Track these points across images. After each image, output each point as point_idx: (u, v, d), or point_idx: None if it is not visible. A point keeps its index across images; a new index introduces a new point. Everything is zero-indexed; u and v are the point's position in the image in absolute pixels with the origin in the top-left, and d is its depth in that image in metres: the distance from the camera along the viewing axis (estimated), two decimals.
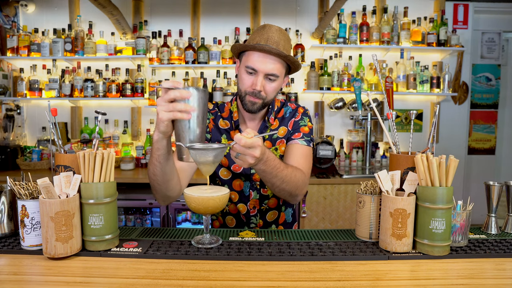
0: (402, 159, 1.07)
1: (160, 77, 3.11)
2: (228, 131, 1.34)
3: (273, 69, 1.18)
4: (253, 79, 1.20)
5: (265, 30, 1.20)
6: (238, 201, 1.37)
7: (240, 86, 1.25)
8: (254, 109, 1.23)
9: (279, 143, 1.35)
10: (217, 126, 1.35)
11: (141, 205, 2.64)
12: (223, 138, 1.35)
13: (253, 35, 1.23)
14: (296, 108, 1.41)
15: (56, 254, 0.93)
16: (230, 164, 1.33)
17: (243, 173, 1.34)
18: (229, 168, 1.33)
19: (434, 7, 3.24)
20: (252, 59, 1.18)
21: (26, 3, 3.10)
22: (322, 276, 0.88)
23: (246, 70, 1.20)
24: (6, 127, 3.05)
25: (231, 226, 1.41)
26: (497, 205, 1.19)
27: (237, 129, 1.32)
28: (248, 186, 1.35)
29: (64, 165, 1.01)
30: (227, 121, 1.35)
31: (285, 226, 1.45)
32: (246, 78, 1.21)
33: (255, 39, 1.21)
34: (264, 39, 1.18)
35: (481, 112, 3.49)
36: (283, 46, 1.20)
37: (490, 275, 0.90)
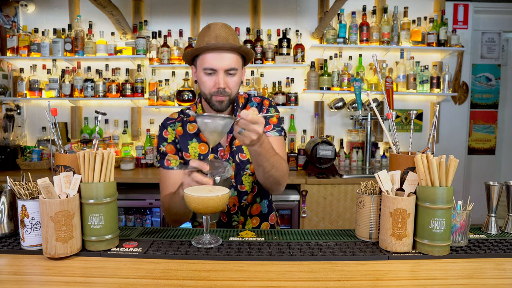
0: (402, 159, 1.07)
1: (160, 77, 3.11)
2: (197, 133, 1.35)
3: (231, 63, 1.21)
4: (214, 78, 1.22)
5: (211, 30, 1.22)
6: None
7: (203, 89, 1.26)
8: (223, 107, 1.25)
9: None
10: (185, 132, 1.35)
11: (141, 205, 2.64)
12: (193, 142, 1.34)
13: (200, 37, 1.24)
14: (262, 102, 1.41)
15: (56, 254, 0.93)
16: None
17: None
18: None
19: (434, 7, 3.24)
20: (208, 60, 1.20)
21: (26, 3, 3.10)
22: (322, 276, 0.88)
23: (205, 72, 1.22)
24: (6, 127, 3.05)
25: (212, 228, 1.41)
26: (497, 205, 1.19)
27: None
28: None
29: (64, 165, 1.01)
30: (194, 124, 1.35)
31: (261, 217, 1.44)
32: (207, 79, 1.22)
33: (204, 40, 1.21)
34: (213, 38, 1.20)
35: (481, 112, 3.49)
36: (233, 40, 1.22)
37: (490, 275, 0.90)
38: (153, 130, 3.14)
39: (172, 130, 1.36)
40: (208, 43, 1.19)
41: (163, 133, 1.37)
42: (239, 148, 1.35)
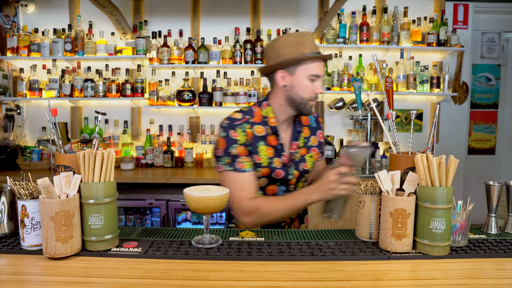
0: (402, 159, 1.07)
1: (160, 77, 3.11)
2: (265, 137, 1.32)
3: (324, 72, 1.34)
4: (315, 84, 1.29)
5: (307, 38, 1.28)
6: None
7: (302, 94, 1.29)
8: (312, 110, 1.37)
9: (313, 150, 1.44)
10: (254, 134, 1.31)
11: (141, 205, 2.64)
12: (261, 145, 1.31)
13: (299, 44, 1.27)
14: (317, 117, 1.53)
15: (56, 254, 0.93)
16: (271, 172, 1.32)
17: (281, 179, 1.34)
18: (269, 176, 1.33)
19: (434, 7, 3.24)
20: (315, 67, 1.28)
21: (26, 3, 3.10)
22: (322, 276, 0.88)
23: (310, 79, 1.28)
24: (6, 127, 3.05)
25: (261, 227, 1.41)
26: (497, 205, 1.19)
27: (273, 134, 1.33)
28: (283, 190, 1.38)
29: (64, 165, 1.01)
30: (261, 127, 1.32)
31: (300, 220, 1.50)
32: (310, 85, 1.28)
33: (306, 47, 1.27)
34: (314, 47, 1.29)
35: (481, 112, 3.49)
36: None
37: (490, 275, 0.90)
38: (153, 130, 3.14)
39: (242, 131, 1.29)
40: (313, 51, 1.26)
41: (230, 134, 1.28)
42: (303, 158, 1.40)
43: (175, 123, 3.21)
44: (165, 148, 3.03)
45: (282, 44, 1.27)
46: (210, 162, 3.05)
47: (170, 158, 3.00)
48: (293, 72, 1.27)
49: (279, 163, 1.33)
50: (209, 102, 3.00)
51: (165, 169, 2.95)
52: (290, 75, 1.28)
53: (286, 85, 1.29)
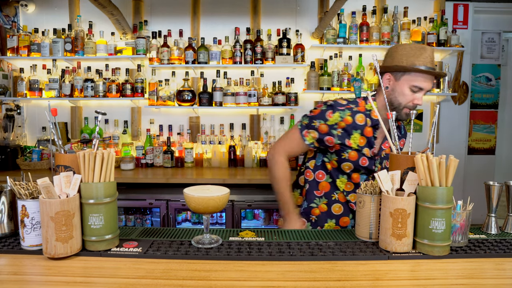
0: (402, 159, 1.07)
1: (160, 77, 3.11)
2: (363, 126, 1.42)
3: (431, 86, 1.39)
4: (415, 95, 1.36)
5: (427, 52, 1.34)
6: (350, 191, 1.49)
7: (400, 99, 1.39)
8: (406, 118, 1.42)
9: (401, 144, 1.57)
10: (354, 122, 1.41)
11: (141, 205, 2.64)
12: (356, 133, 1.41)
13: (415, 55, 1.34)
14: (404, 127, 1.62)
15: (56, 254, 0.93)
16: (358, 159, 1.42)
17: (366, 167, 1.44)
18: (356, 162, 1.43)
19: (434, 7, 3.24)
20: (421, 80, 1.34)
21: (26, 3, 3.10)
22: (322, 276, 0.88)
23: (412, 89, 1.36)
24: (6, 127, 3.05)
25: (337, 214, 1.51)
26: (497, 205, 1.19)
27: (372, 127, 1.42)
28: (364, 178, 1.48)
29: (64, 165, 1.01)
30: (363, 116, 1.42)
31: None
32: (410, 94, 1.36)
33: (420, 60, 1.33)
34: (429, 61, 1.34)
35: (481, 112, 3.49)
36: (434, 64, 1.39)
37: (490, 275, 0.90)
38: (153, 130, 3.14)
39: (339, 116, 1.40)
40: (425, 65, 1.33)
41: (327, 112, 1.42)
42: (387, 156, 1.49)
43: (175, 123, 3.21)
44: (165, 148, 3.03)
45: (401, 51, 1.37)
46: (210, 162, 3.05)
47: (170, 158, 3.00)
48: (398, 78, 1.37)
49: (368, 152, 1.43)
50: (209, 102, 3.00)
51: (165, 169, 2.95)
52: (395, 80, 1.38)
53: (388, 87, 1.41)
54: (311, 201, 1.52)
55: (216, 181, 2.56)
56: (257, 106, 3.00)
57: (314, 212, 1.52)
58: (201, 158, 3.06)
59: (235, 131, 3.16)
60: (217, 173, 2.74)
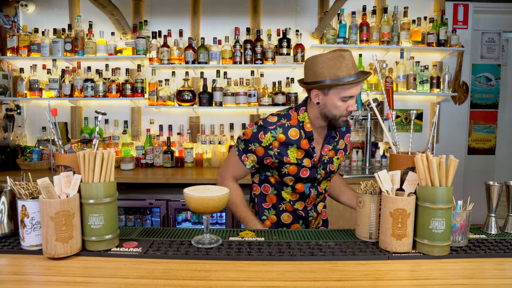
0: (402, 159, 1.07)
1: (160, 77, 3.11)
2: (299, 140, 1.39)
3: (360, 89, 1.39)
4: (348, 103, 1.33)
5: (346, 60, 1.29)
6: (296, 200, 1.49)
7: (334, 112, 1.34)
8: (344, 125, 1.40)
9: (340, 153, 1.52)
10: (287, 138, 1.38)
11: (141, 205, 2.63)
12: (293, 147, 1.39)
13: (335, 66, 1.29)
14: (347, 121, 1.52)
15: (56, 254, 0.93)
16: (298, 172, 1.41)
17: (307, 178, 1.43)
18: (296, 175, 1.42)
19: (434, 7, 3.24)
20: (350, 90, 1.30)
21: (26, 3, 3.10)
22: (322, 276, 0.88)
23: (343, 99, 1.31)
24: (6, 127, 3.05)
25: (287, 222, 1.51)
26: (497, 205, 1.19)
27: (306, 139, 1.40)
28: (309, 186, 1.47)
29: (64, 165, 1.01)
30: (296, 130, 1.40)
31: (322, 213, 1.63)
32: (342, 105, 1.32)
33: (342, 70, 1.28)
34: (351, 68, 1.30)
35: (481, 112, 3.49)
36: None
37: (490, 275, 0.90)
38: (153, 130, 3.14)
39: (271, 136, 1.37)
40: (349, 74, 1.29)
41: (259, 134, 1.39)
42: (330, 160, 1.48)
43: (175, 123, 3.21)
44: (165, 148, 3.03)
45: (320, 63, 1.31)
46: (210, 162, 3.05)
47: (170, 158, 3.00)
48: (326, 93, 1.33)
49: (308, 163, 1.41)
50: (209, 102, 3.00)
51: (165, 169, 2.95)
52: (323, 95, 1.34)
53: (319, 103, 1.35)
54: (262, 214, 1.53)
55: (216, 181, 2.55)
56: (257, 106, 3.00)
57: (266, 224, 1.52)
58: (201, 158, 3.06)
59: (235, 131, 3.16)
60: (217, 173, 2.74)
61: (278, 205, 1.50)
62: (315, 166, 1.43)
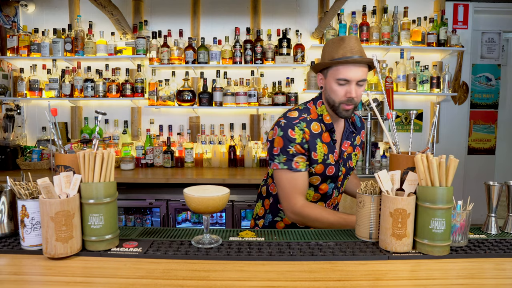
0: (402, 159, 1.07)
1: (160, 77, 3.11)
2: (321, 134, 1.37)
3: (362, 75, 1.29)
4: (346, 88, 1.29)
5: (345, 43, 1.29)
6: (317, 201, 1.45)
7: (332, 97, 1.32)
8: (349, 114, 1.33)
9: (357, 149, 1.49)
10: (311, 132, 1.36)
11: (141, 205, 2.64)
12: (319, 142, 1.37)
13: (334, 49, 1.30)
14: (361, 118, 1.56)
15: (56, 254, 0.93)
16: (325, 170, 1.38)
17: (332, 176, 1.40)
18: (323, 174, 1.38)
19: (434, 7, 3.24)
20: (343, 71, 1.27)
21: (26, 3, 3.10)
22: (322, 276, 0.88)
23: (338, 83, 1.29)
24: (6, 127, 3.05)
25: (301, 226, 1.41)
26: (497, 205, 1.19)
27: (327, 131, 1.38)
28: (332, 186, 1.44)
29: (64, 165, 1.01)
30: (317, 123, 1.38)
31: None
32: (339, 89, 1.30)
33: (339, 52, 1.28)
34: (348, 51, 1.28)
35: (481, 112, 3.49)
36: (363, 53, 1.30)
37: (490, 275, 0.90)
38: (153, 130, 3.14)
39: (300, 130, 1.33)
40: (344, 55, 1.26)
41: (288, 133, 1.32)
42: (350, 156, 1.45)
43: (175, 123, 3.21)
44: (165, 148, 3.03)
45: (326, 47, 1.33)
46: (210, 162, 3.05)
47: (170, 158, 3.00)
48: (326, 76, 1.33)
49: (332, 159, 1.39)
50: (209, 102, 3.00)
51: (165, 169, 2.95)
52: (324, 78, 1.34)
53: (323, 87, 1.37)
54: (275, 215, 1.47)
55: (216, 181, 2.56)
56: (257, 106, 3.00)
57: (279, 226, 1.47)
58: (201, 158, 3.06)
59: (235, 131, 3.16)
60: (217, 173, 2.74)
61: None
62: (338, 162, 1.40)
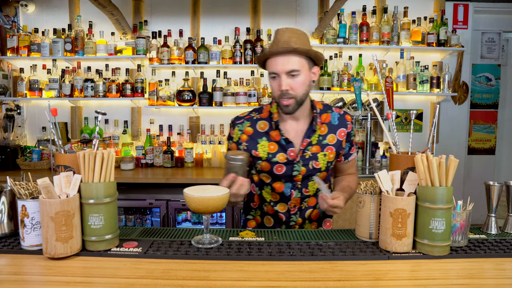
0: (402, 159, 1.07)
1: (160, 77, 3.11)
2: (268, 132, 1.36)
3: (291, 65, 1.23)
4: (278, 81, 1.26)
5: (279, 35, 1.27)
6: (278, 201, 1.41)
7: (273, 93, 1.31)
8: (290, 110, 1.28)
9: (328, 149, 1.38)
10: (255, 131, 1.37)
11: (141, 205, 2.64)
12: (263, 141, 1.36)
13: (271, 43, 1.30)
14: (343, 115, 1.44)
15: (56, 254, 0.93)
16: (271, 168, 1.35)
17: (285, 175, 1.36)
18: (270, 172, 1.36)
19: (434, 7, 3.24)
20: (271, 65, 1.26)
21: (26, 3, 3.10)
22: (322, 276, 0.88)
23: (271, 77, 1.28)
24: (6, 127, 3.05)
25: (269, 226, 1.45)
26: (497, 205, 1.19)
27: (277, 129, 1.35)
28: (290, 186, 1.38)
29: (64, 165, 1.01)
30: (265, 122, 1.38)
31: (318, 222, 1.50)
32: (273, 83, 1.28)
33: (272, 46, 1.27)
34: (275, 43, 1.26)
35: (481, 112, 3.49)
36: (295, 42, 1.24)
37: (490, 275, 0.90)
38: (153, 130, 3.14)
39: (238, 130, 1.39)
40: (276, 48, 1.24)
41: (230, 131, 1.43)
42: (315, 156, 1.36)
43: (175, 123, 3.21)
44: (165, 148, 3.03)
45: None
46: (210, 162, 3.04)
47: (170, 158, 3.00)
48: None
49: (283, 158, 1.34)
50: (209, 102, 3.00)
51: (165, 169, 2.95)
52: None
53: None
54: (248, 213, 1.51)
55: (216, 181, 2.54)
56: (257, 106, 3.00)
57: (250, 224, 1.49)
58: (201, 158, 3.06)
59: None
60: (217, 173, 2.74)
61: (262, 205, 1.45)
62: (292, 162, 1.34)
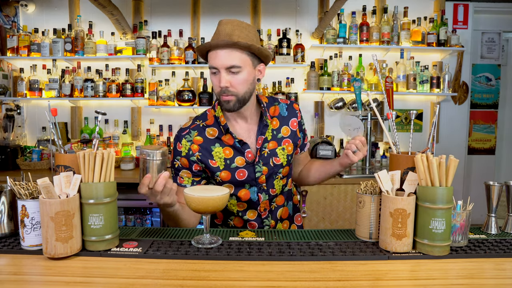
0: (402, 159, 1.07)
1: (160, 77, 3.11)
2: (219, 138, 1.26)
3: (231, 60, 1.13)
4: (218, 77, 1.17)
5: (219, 26, 1.17)
6: (246, 209, 1.32)
7: (214, 89, 1.23)
8: (230, 107, 1.19)
9: (285, 142, 1.32)
10: (205, 139, 1.27)
11: (141, 205, 2.63)
12: (216, 147, 1.26)
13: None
14: (291, 104, 1.37)
15: (56, 254, 0.93)
16: (233, 176, 1.26)
17: (247, 180, 1.27)
18: (232, 181, 1.27)
19: (434, 7, 3.24)
20: (211, 58, 1.17)
21: (26, 3, 3.10)
22: (322, 276, 0.88)
23: (211, 72, 1.18)
24: (6, 127, 3.05)
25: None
26: (497, 205, 1.18)
27: (228, 133, 1.25)
28: (255, 191, 1.29)
29: (64, 165, 1.01)
30: (214, 128, 1.27)
31: (289, 220, 1.44)
32: (213, 79, 1.18)
33: (213, 38, 1.17)
34: (216, 35, 1.16)
35: (481, 112, 3.49)
36: (238, 36, 1.13)
37: (490, 275, 0.90)
38: (153, 130, 3.14)
39: (187, 141, 1.26)
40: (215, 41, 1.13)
41: (176, 146, 1.27)
42: (273, 152, 1.28)
43: (175, 123, 3.21)
44: None
45: None
46: None
47: None
48: None
49: (242, 161, 1.26)
50: (209, 102, 3.00)
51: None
52: None
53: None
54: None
55: None
56: None
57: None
58: None
59: None
60: None
61: (227, 221, 1.35)
62: (252, 163, 1.26)
